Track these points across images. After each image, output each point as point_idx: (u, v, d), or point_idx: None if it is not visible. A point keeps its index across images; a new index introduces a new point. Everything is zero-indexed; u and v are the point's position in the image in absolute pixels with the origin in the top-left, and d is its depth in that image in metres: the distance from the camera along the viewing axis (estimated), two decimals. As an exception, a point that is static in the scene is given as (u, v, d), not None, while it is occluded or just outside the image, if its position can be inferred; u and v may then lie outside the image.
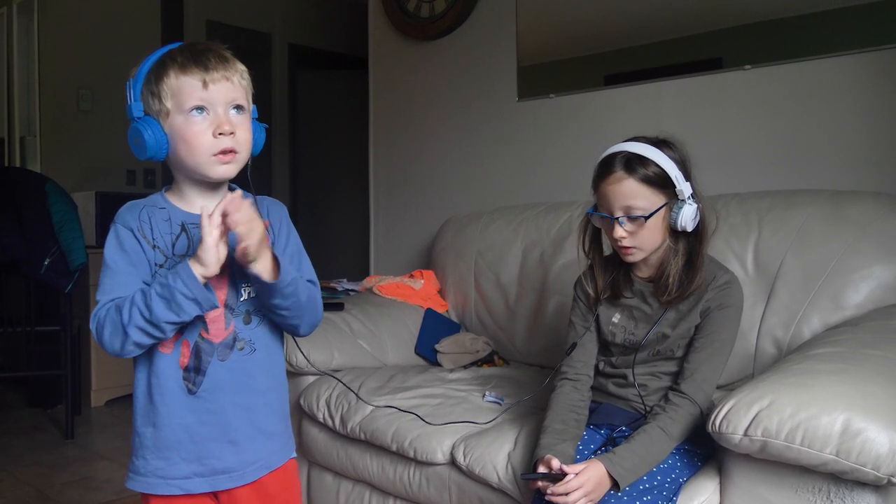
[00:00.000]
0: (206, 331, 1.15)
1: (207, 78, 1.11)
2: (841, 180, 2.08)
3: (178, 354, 1.15)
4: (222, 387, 1.16)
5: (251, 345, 1.18)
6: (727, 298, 1.48)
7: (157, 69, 1.13)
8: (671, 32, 2.47)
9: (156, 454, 1.16)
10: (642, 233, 1.45)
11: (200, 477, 1.17)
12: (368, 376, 2.18)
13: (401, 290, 2.73)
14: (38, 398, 3.80)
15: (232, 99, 1.13)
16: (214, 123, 1.11)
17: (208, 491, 1.18)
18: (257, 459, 1.20)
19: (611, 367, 1.60)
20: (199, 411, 1.15)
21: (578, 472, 1.31)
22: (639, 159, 1.44)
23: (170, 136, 1.12)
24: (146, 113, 1.13)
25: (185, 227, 1.17)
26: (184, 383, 1.15)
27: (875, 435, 1.12)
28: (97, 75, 4.43)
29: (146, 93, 1.14)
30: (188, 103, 1.11)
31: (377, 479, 1.97)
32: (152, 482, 1.17)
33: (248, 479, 1.19)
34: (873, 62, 2.06)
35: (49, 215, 3.12)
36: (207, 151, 1.11)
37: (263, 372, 1.20)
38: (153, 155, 1.13)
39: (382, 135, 3.52)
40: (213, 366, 1.16)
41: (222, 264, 1.08)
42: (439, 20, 3.16)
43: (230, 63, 1.15)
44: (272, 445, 1.23)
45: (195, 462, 1.16)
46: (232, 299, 1.17)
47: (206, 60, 1.12)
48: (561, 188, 2.74)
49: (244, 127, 1.15)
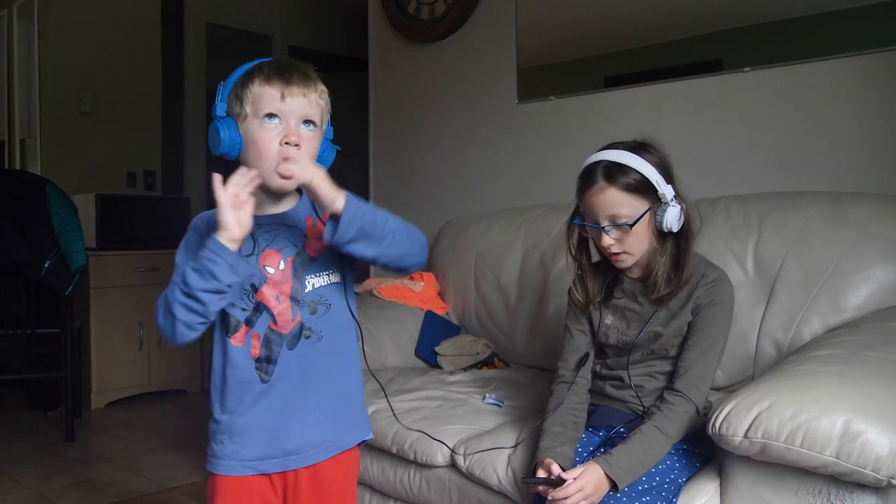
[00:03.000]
0: (274, 322, 1.23)
1: (286, 91, 1.18)
2: (841, 182, 2.08)
3: (250, 346, 1.23)
4: (292, 373, 1.23)
5: (318, 333, 1.24)
6: (717, 295, 1.49)
7: (245, 76, 1.21)
8: (671, 34, 2.48)
9: (231, 438, 1.24)
10: (629, 239, 1.46)
11: (272, 458, 1.24)
12: (368, 379, 2.18)
13: (401, 293, 2.73)
14: (39, 400, 3.81)
15: (305, 114, 1.20)
16: (283, 133, 1.18)
17: (279, 471, 1.25)
18: (325, 441, 1.27)
19: (607, 369, 1.60)
20: (271, 397, 1.23)
21: (577, 476, 1.32)
22: (619, 168, 1.44)
23: (243, 138, 1.20)
24: (228, 114, 1.22)
25: (252, 229, 1.22)
26: (256, 373, 1.23)
27: (875, 437, 1.12)
28: (97, 78, 4.44)
29: (232, 96, 1.22)
30: (264, 110, 1.18)
31: (377, 481, 1.97)
32: (229, 464, 1.24)
33: (316, 459, 1.26)
34: (873, 64, 2.07)
35: (49, 217, 3.12)
36: (272, 158, 1.18)
37: (331, 358, 1.27)
38: (226, 152, 1.20)
39: (382, 137, 3.52)
40: (284, 354, 1.23)
41: (246, 233, 1.14)
42: (439, 22, 3.17)
43: (311, 81, 1.22)
44: (342, 427, 1.29)
45: (268, 444, 1.24)
46: (297, 291, 1.24)
47: (289, 75, 1.19)
48: (561, 190, 2.73)
49: (310, 143, 1.21)
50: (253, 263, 1.22)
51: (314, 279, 1.25)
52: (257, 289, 1.22)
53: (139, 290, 3.92)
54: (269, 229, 1.24)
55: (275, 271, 1.23)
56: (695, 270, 1.50)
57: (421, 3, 3.24)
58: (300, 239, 1.25)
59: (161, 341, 4.01)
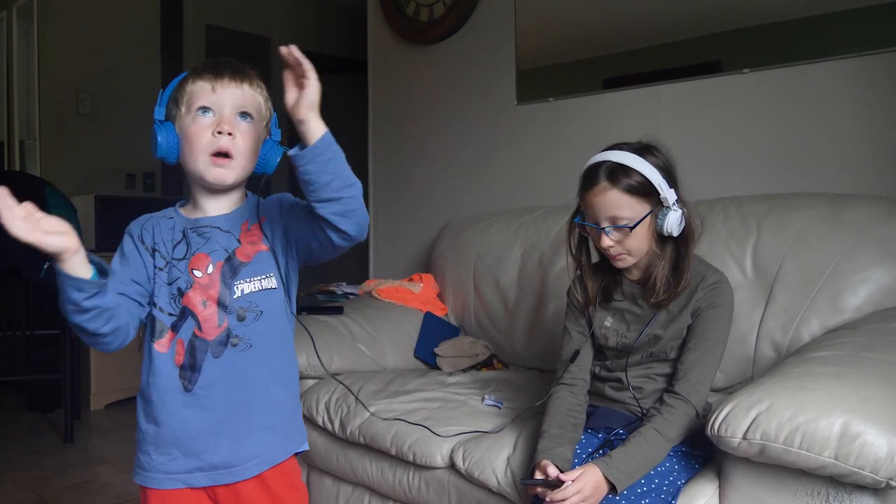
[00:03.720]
0: (199, 329, 1.18)
1: (217, 83, 1.17)
2: (839, 183, 2.08)
3: (174, 353, 1.18)
4: (217, 383, 1.18)
5: (247, 341, 1.19)
6: (717, 298, 1.49)
7: (182, 79, 1.21)
8: (670, 36, 2.48)
9: (157, 449, 1.20)
10: (629, 241, 1.46)
11: (201, 471, 1.19)
12: (367, 380, 2.18)
13: (400, 294, 2.73)
14: (38, 402, 3.80)
15: (239, 105, 1.18)
16: (216, 123, 1.16)
17: (208, 485, 1.20)
18: (257, 455, 1.22)
19: (606, 371, 1.60)
20: (195, 407, 1.18)
21: (575, 478, 1.32)
22: (622, 169, 1.44)
23: (179, 137, 1.19)
24: (167, 118, 1.21)
25: (186, 233, 1.22)
26: (180, 381, 1.18)
27: (873, 438, 1.12)
28: (97, 79, 4.44)
29: (170, 100, 1.22)
30: (196, 104, 1.17)
31: (376, 482, 1.97)
32: (155, 476, 1.20)
33: (248, 474, 1.21)
34: (871, 66, 2.07)
35: (48, 219, 3.12)
36: (204, 150, 1.16)
37: (260, 368, 1.21)
38: (164, 155, 1.20)
39: (381, 138, 3.52)
40: (208, 363, 1.18)
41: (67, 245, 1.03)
42: (438, 24, 3.17)
43: (245, 74, 1.21)
44: (273, 440, 1.24)
45: (194, 457, 1.19)
46: (224, 297, 1.19)
47: (221, 68, 1.19)
48: (560, 191, 2.74)
49: (247, 135, 1.19)
50: (182, 267, 1.19)
51: (244, 284, 1.20)
52: (183, 293, 1.18)
53: (138, 291, 3.92)
54: (203, 232, 1.21)
55: (202, 275, 1.18)
56: (694, 273, 1.49)
57: (420, 4, 3.24)
58: (233, 243, 1.21)
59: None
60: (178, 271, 1.19)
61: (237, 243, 1.21)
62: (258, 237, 1.23)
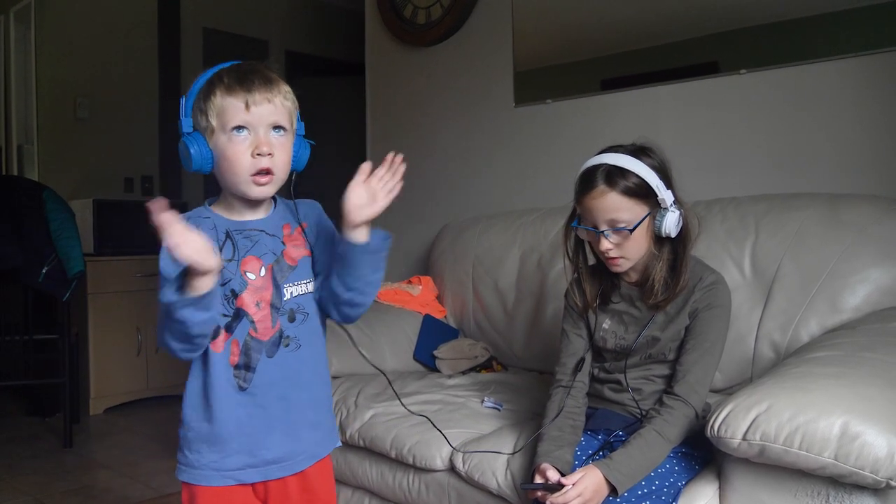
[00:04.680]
0: (254, 329, 1.21)
1: (250, 100, 1.16)
2: (837, 183, 2.08)
3: (229, 353, 1.20)
4: (271, 382, 1.21)
5: (297, 341, 1.23)
6: (714, 298, 1.49)
7: (206, 88, 1.19)
8: (667, 37, 2.48)
9: (210, 447, 1.22)
10: (628, 244, 1.46)
11: (252, 468, 1.22)
12: (367, 383, 2.18)
13: (399, 297, 2.73)
14: (37, 407, 3.80)
15: (273, 121, 1.19)
16: (254, 144, 1.17)
17: (260, 480, 1.23)
18: (305, 449, 1.26)
19: (605, 373, 1.60)
20: (249, 406, 1.21)
21: (576, 481, 1.32)
22: (619, 171, 1.44)
23: (214, 152, 1.19)
24: (195, 129, 1.20)
25: (230, 234, 1.23)
26: (235, 380, 1.20)
27: (873, 438, 1.12)
28: (95, 83, 4.44)
29: (196, 110, 1.20)
30: (230, 123, 1.16)
31: (376, 485, 1.97)
32: (207, 474, 1.22)
33: (298, 468, 1.25)
34: (869, 66, 2.07)
35: (47, 223, 3.11)
36: (245, 171, 1.18)
37: (308, 367, 1.26)
38: (199, 168, 1.20)
39: (379, 141, 3.52)
40: (263, 362, 1.21)
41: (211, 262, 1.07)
42: (436, 26, 3.17)
43: (273, 84, 1.20)
44: (318, 436, 1.29)
45: (247, 454, 1.22)
46: (276, 299, 1.22)
47: (250, 82, 1.17)
48: (558, 193, 2.73)
49: (283, 148, 1.21)
50: (233, 269, 1.20)
51: (292, 287, 1.24)
52: (237, 295, 1.20)
53: (137, 295, 3.92)
54: (249, 235, 1.23)
55: (255, 277, 1.21)
56: (691, 274, 1.50)
57: (417, 7, 3.25)
58: (279, 246, 1.24)
59: (159, 347, 4.00)
60: (229, 273, 1.20)
61: (283, 246, 1.25)
62: (301, 242, 1.27)
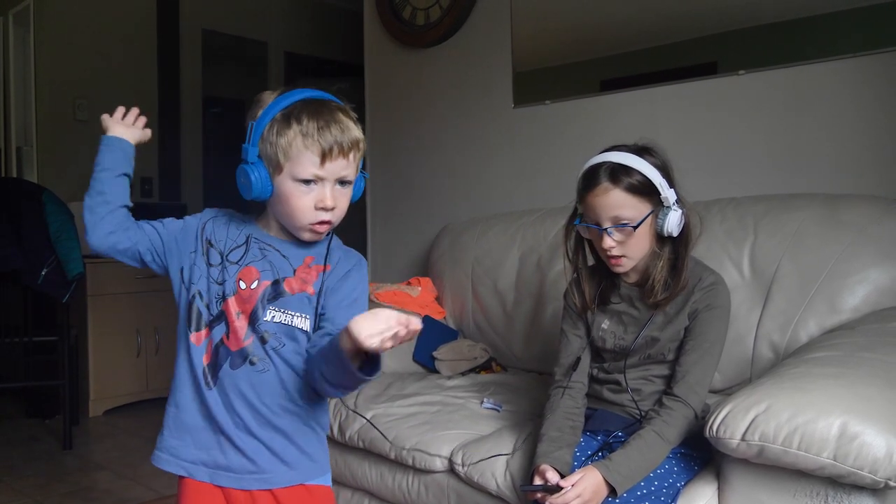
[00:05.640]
0: (226, 337, 1.21)
1: (326, 154, 1.15)
2: (836, 184, 2.08)
3: (204, 350, 1.21)
4: (231, 392, 1.21)
5: (265, 363, 1.21)
6: (714, 299, 1.49)
7: (281, 122, 1.16)
8: (666, 38, 2.48)
9: (173, 433, 1.24)
10: (631, 241, 1.46)
11: (204, 466, 1.23)
12: (367, 383, 2.18)
13: (398, 298, 2.73)
14: (36, 408, 3.79)
15: (343, 176, 1.18)
16: (318, 197, 1.17)
17: (207, 481, 1.23)
18: (259, 471, 1.22)
19: (604, 374, 1.60)
20: (211, 405, 1.21)
21: (575, 482, 1.32)
22: (623, 169, 1.44)
23: (275, 189, 1.18)
24: (259, 157, 1.18)
25: (249, 241, 1.24)
26: (202, 377, 1.21)
27: (872, 439, 1.12)
28: (94, 85, 4.44)
29: (265, 138, 1.17)
30: (300, 174, 1.15)
31: (376, 487, 1.97)
32: (164, 458, 1.25)
33: (246, 485, 1.22)
34: (868, 66, 2.07)
35: (46, 225, 3.11)
36: (306, 220, 1.18)
37: (274, 393, 1.21)
38: (257, 197, 1.19)
39: (378, 142, 3.52)
40: (225, 371, 1.21)
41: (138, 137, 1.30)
42: (434, 28, 3.17)
43: (351, 136, 1.17)
44: (281, 465, 1.23)
45: (202, 450, 1.22)
46: (256, 315, 1.20)
47: (328, 134, 1.15)
48: (557, 194, 2.74)
49: (344, 199, 1.21)
50: (232, 273, 1.21)
51: (277, 312, 1.20)
52: (225, 298, 1.20)
53: (136, 297, 3.92)
54: (263, 248, 1.23)
55: (245, 288, 1.20)
56: (691, 274, 1.50)
57: (416, 8, 3.25)
58: (286, 270, 1.22)
59: (159, 348, 4.01)
60: (227, 275, 1.21)
61: (290, 273, 1.22)
62: (313, 279, 1.23)
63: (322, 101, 1.20)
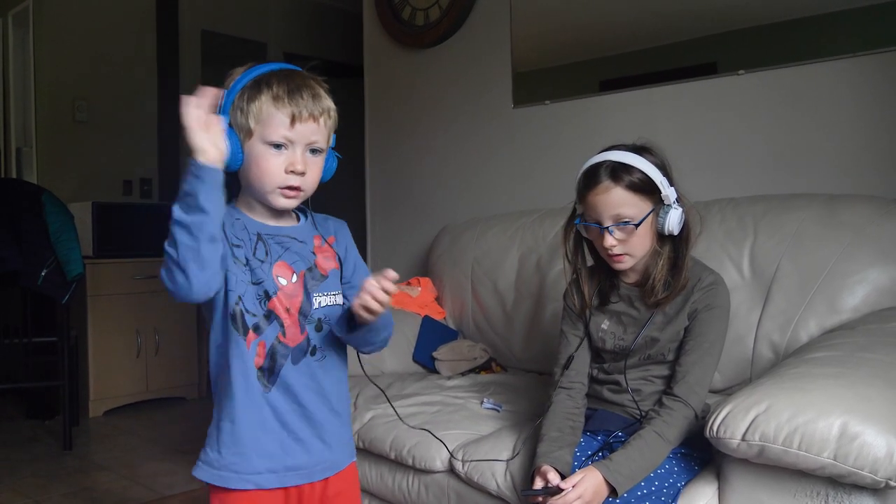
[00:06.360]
0: (283, 334, 1.20)
1: (296, 116, 1.15)
2: (836, 184, 2.08)
3: (255, 354, 1.19)
4: (293, 389, 1.21)
5: (322, 352, 1.24)
6: (714, 299, 1.49)
7: (251, 88, 1.17)
8: (665, 38, 2.48)
9: (231, 449, 1.19)
10: (632, 240, 1.46)
11: (272, 473, 1.20)
12: (366, 385, 2.18)
13: (398, 298, 2.73)
14: (36, 409, 3.80)
15: (312, 141, 1.19)
16: (288, 161, 1.17)
17: (278, 486, 1.21)
18: (324, 460, 1.25)
19: (604, 374, 1.60)
20: (272, 410, 1.20)
21: (576, 483, 1.32)
22: (623, 167, 1.45)
23: (245, 155, 1.17)
24: (230, 125, 1.17)
25: (262, 236, 1.23)
26: (258, 382, 1.19)
27: (872, 439, 1.12)
28: (93, 86, 4.44)
29: (235, 107, 1.18)
30: (271, 137, 1.16)
31: (375, 487, 1.97)
32: (226, 476, 1.19)
33: (316, 477, 1.24)
34: (867, 66, 2.07)
35: (46, 226, 3.11)
36: (275, 184, 1.18)
37: (331, 378, 1.26)
38: (227, 166, 1.15)
39: (378, 143, 3.52)
40: (287, 368, 1.20)
41: (223, 156, 1.08)
42: (434, 28, 3.17)
43: (321, 102, 1.19)
44: (338, 448, 1.27)
45: (267, 458, 1.20)
46: (306, 307, 1.22)
47: (299, 98, 1.16)
48: (557, 194, 2.74)
49: (316, 167, 1.21)
50: (266, 270, 1.20)
51: (322, 297, 1.24)
52: (270, 297, 1.19)
53: (136, 297, 3.92)
54: (281, 241, 1.23)
55: (287, 283, 1.21)
56: (691, 274, 1.50)
57: (415, 8, 3.25)
58: (310, 255, 1.25)
59: (159, 349, 4.01)
60: (262, 273, 1.19)
61: (314, 255, 1.25)
62: (331, 254, 1.27)
63: (293, 69, 1.22)
